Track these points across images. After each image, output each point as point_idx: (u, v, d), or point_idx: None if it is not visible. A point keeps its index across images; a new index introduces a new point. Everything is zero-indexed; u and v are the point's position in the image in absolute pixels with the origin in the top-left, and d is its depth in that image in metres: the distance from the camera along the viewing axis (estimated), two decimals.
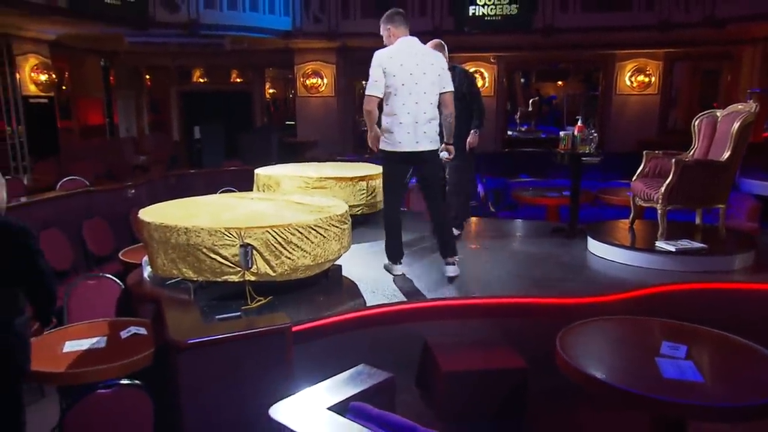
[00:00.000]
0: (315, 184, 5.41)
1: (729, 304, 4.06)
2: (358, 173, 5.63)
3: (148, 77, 14.40)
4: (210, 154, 12.02)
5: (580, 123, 5.31)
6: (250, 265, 3.42)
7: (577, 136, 5.20)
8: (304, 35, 11.66)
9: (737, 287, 4.23)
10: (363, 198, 5.55)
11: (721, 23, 9.84)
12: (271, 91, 15.68)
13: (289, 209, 4.01)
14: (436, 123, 4.08)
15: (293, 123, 13.66)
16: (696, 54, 12.69)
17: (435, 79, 4.01)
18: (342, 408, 2.13)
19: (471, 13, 11.13)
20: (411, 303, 3.85)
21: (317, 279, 3.93)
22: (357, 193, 5.49)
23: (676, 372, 2.62)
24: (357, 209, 5.39)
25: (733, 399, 2.49)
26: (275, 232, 3.46)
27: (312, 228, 3.60)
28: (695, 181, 4.54)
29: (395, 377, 2.46)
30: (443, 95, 4.07)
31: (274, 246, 3.46)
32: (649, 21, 10.69)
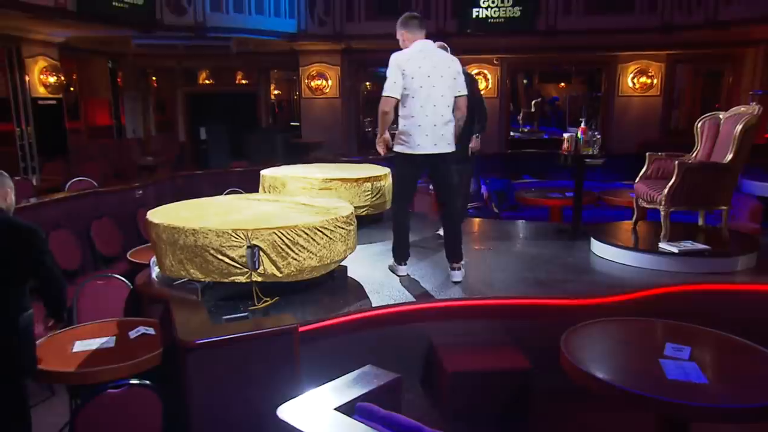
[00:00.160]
0: (320, 185, 5.43)
1: (732, 305, 4.05)
2: (362, 174, 5.65)
3: (154, 79, 14.44)
4: (216, 154, 12.05)
5: (583, 125, 5.31)
6: (257, 266, 3.43)
7: (581, 138, 5.20)
8: (308, 37, 11.67)
9: (740, 288, 4.23)
10: (368, 199, 5.57)
11: (724, 25, 9.82)
12: (276, 92, 15.71)
13: (296, 211, 4.01)
14: (452, 125, 4.08)
15: (298, 124, 13.66)
16: (698, 56, 12.64)
17: (451, 83, 4.02)
18: (349, 408, 2.14)
19: (474, 16, 11.12)
20: (416, 304, 3.85)
21: (323, 280, 3.94)
22: (362, 194, 5.52)
23: (680, 373, 2.63)
24: (362, 210, 5.40)
25: (737, 400, 2.49)
26: (282, 233, 3.48)
27: (318, 229, 3.62)
28: (698, 183, 4.53)
29: (401, 378, 2.46)
30: (457, 98, 4.08)
31: (280, 247, 3.48)
32: (652, 23, 10.67)
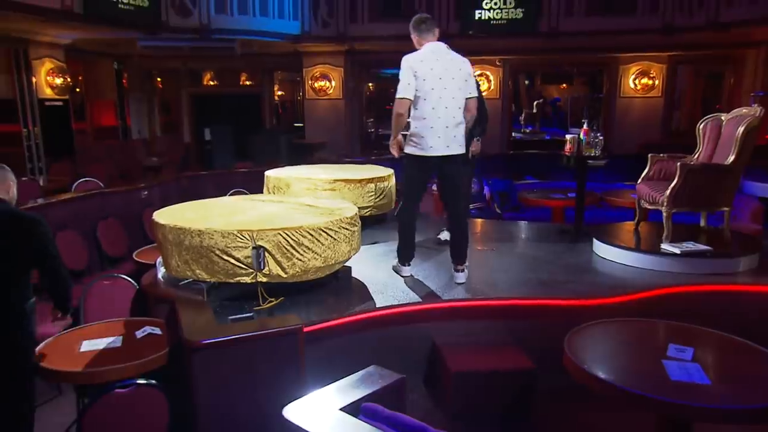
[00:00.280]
0: (324, 186, 5.44)
1: (734, 306, 4.06)
2: (366, 175, 5.66)
3: (159, 80, 14.49)
4: (220, 155, 12.08)
5: (585, 126, 5.31)
6: (262, 267, 3.45)
7: (583, 139, 5.21)
8: (312, 39, 11.69)
9: (742, 289, 4.23)
10: (371, 200, 5.58)
11: (724, 27, 9.82)
12: (280, 93, 15.75)
13: (300, 212, 4.02)
14: (463, 127, 4.10)
15: (302, 125, 13.69)
16: (699, 57, 12.64)
17: (462, 84, 4.03)
18: (354, 409, 2.14)
19: (477, 17, 11.12)
20: (420, 304, 3.87)
21: (327, 280, 3.96)
22: (365, 195, 5.53)
23: (683, 374, 2.63)
24: (365, 211, 5.42)
25: (740, 401, 2.50)
26: (287, 234, 3.49)
27: (323, 230, 3.63)
28: (700, 185, 4.54)
29: (405, 378, 2.47)
30: (468, 100, 4.09)
31: (285, 248, 3.49)
32: (653, 24, 10.68)
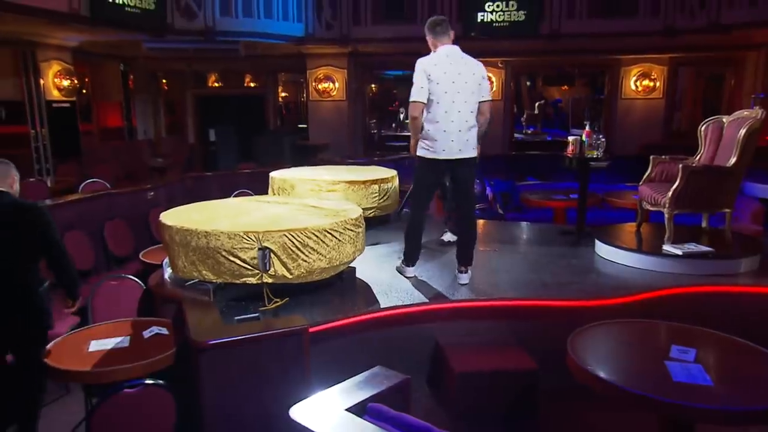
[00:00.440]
0: (328, 187, 5.48)
1: (736, 307, 4.06)
2: (370, 176, 5.70)
3: (164, 81, 14.53)
4: (224, 156, 12.16)
5: (588, 128, 5.33)
6: (267, 268, 3.47)
7: (585, 141, 5.23)
8: (316, 41, 11.73)
9: (744, 290, 4.24)
10: (375, 201, 5.63)
11: (725, 29, 9.81)
12: (284, 95, 15.80)
13: (305, 213, 4.04)
14: (476, 130, 4.09)
15: (305, 126, 13.73)
16: (700, 59, 12.64)
17: (475, 88, 4.02)
18: (360, 409, 2.15)
19: (479, 20, 11.12)
20: (424, 305, 3.88)
21: (332, 281, 3.98)
22: (369, 196, 5.58)
23: (685, 375, 2.64)
24: (369, 212, 5.45)
25: (741, 402, 2.51)
26: (292, 235, 3.51)
27: (327, 231, 3.65)
28: (702, 187, 4.55)
29: (410, 379, 2.48)
30: (482, 103, 4.09)
31: (291, 249, 3.51)
32: (655, 27, 10.69)
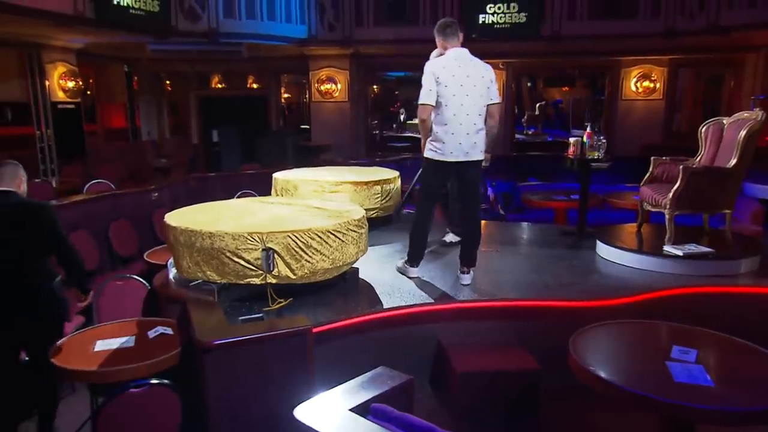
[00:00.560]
0: (331, 188, 5.50)
1: (736, 307, 4.07)
2: (372, 177, 5.73)
3: (168, 83, 14.59)
4: (228, 156, 12.22)
5: (589, 129, 5.34)
6: (271, 269, 3.49)
7: (586, 142, 5.24)
8: (318, 42, 11.77)
9: (744, 291, 4.25)
10: (377, 201, 5.66)
11: (725, 31, 9.82)
12: (286, 96, 15.85)
13: (308, 214, 4.06)
14: (483, 133, 4.10)
15: (307, 127, 13.77)
16: (700, 60, 12.68)
17: (483, 91, 4.04)
18: (363, 409, 2.16)
19: (481, 21, 11.14)
20: (426, 305, 3.89)
21: (335, 281, 4.00)
22: (372, 197, 5.61)
23: (687, 376, 2.66)
24: (372, 213, 5.47)
25: (742, 403, 2.52)
26: (296, 236, 3.53)
27: (331, 232, 3.67)
28: (702, 188, 4.57)
29: (413, 379, 2.50)
30: (490, 106, 4.11)
31: (294, 250, 3.53)
32: (655, 28, 10.72)
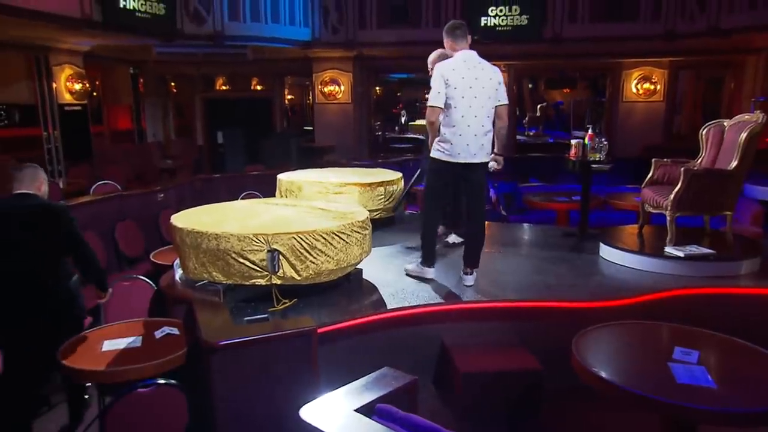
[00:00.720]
0: (335, 189, 5.55)
1: (737, 309, 4.08)
2: (376, 179, 5.77)
3: (173, 85, 14.64)
4: (232, 158, 12.27)
5: (590, 131, 5.36)
6: (276, 270, 3.52)
7: (588, 144, 5.26)
8: (322, 45, 11.83)
9: (745, 292, 4.27)
10: (381, 203, 5.71)
11: (725, 33, 9.84)
12: (290, 98, 15.90)
13: (313, 215, 4.10)
14: (491, 135, 4.13)
15: (311, 128, 13.82)
16: (700, 63, 12.70)
17: (492, 93, 4.06)
18: (368, 410, 2.18)
19: (483, 24, 11.17)
20: (429, 306, 3.91)
21: (339, 282, 4.03)
22: (375, 198, 5.65)
23: (689, 377, 2.67)
24: (375, 214, 5.51)
25: (744, 403, 2.53)
26: (301, 238, 3.57)
27: (335, 234, 3.71)
28: (703, 190, 4.59)
29: (417, 380, 2.52)
30: (499, 108, 4.13)
31: (299, 251, 3.57)
32: (655, 31, 10.74)
